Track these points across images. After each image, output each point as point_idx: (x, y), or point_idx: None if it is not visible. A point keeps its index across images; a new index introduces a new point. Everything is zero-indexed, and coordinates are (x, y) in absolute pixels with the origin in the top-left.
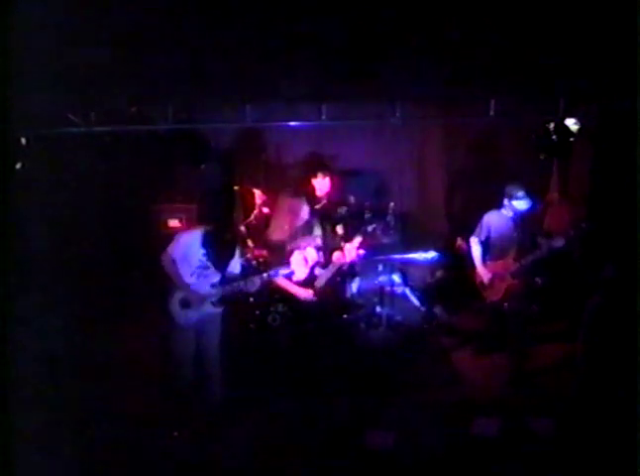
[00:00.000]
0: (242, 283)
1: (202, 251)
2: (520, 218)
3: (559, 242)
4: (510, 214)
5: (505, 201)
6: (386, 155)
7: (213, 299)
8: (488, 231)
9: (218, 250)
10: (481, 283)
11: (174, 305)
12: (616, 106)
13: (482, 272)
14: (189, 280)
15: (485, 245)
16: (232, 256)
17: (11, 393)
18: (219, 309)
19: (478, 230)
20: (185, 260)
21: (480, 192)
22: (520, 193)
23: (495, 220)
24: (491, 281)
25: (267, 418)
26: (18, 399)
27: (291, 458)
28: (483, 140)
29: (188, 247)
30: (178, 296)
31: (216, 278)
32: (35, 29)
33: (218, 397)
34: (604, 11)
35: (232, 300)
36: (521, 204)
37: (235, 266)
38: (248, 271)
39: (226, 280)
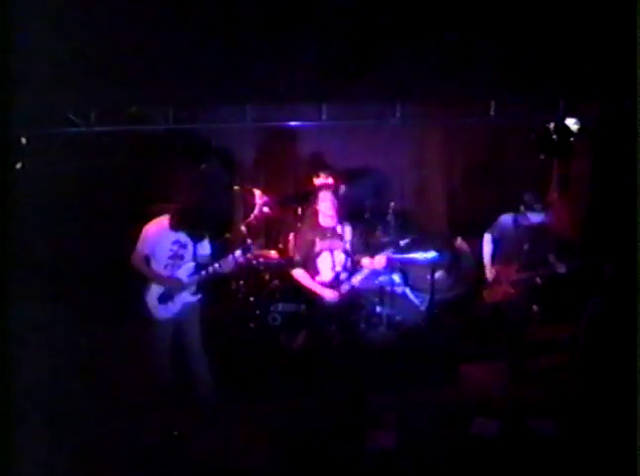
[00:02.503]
0: (216, 265)
1: (172, 239)
2: (532, 229)
3: (562, 268)
4: (524, 223)
5: (522, 209)
6: (386, 155)
7: (191, 289)
8: (500, 233)
9: (189, 230)
10: (484, 281)
11: (152, 300)
12: (616, 105)
13: (489, 270)
14: (164, 273)
15: (495, 246)
16: (202, 236)
17: (11, 393)
18: (195, 300)
19: (492, 228)
20: (156, 252)
21: (480, 192)
22: (537, 205)
23: (508, 225)
24: (492, 283)
25: (266, 418)
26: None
27: (291, 458)
28: (483, 140)
29: (158, 238)
30: (156, 291)
31: (190, 265)
32: (35, 28)
33: (207, 392)
34: (604, 11)
35: (210, 286)
36: (536, 216)
37: (204, 247)
38: (219, 250)
39: (199, 265)
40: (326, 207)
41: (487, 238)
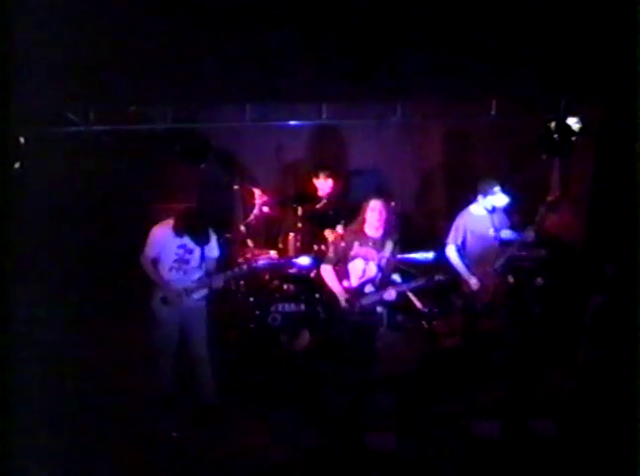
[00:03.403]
0: (229, 273)
1: (177, 243)
2: (495, 214)
3: (530, 237)
4: (484, 212)
5: (480, 198)
6: (386, 155)
7: (195, 294)
8: (464, 233)
9: (193, 235)
10: (469, 289)
11: (156, 303)
12: (617, 105)
13: (469, 278)
14: (168, 276)
15: (464, 248)
16: (207, 240)
17: (10, 392)
18: (202, 303)
19: (452, 235)
20: (162, 256)
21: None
22: (495, 188)
23: (470, 220)
24: (479, 284)
25: (266, 418)
26: (17, 398)
27: (291, 458)
28: (484, 140)
29: (163, 241)
30: (160, 293)
31: (195, 270)
32: (34, 28)
33: (209, 394)
34: (605, 10)
35: (216, 295)
36: (496, 200)
37: (212, 249)
38: (227, 253)
39: (207, 271)
40: (373, 217)
41: (451, 249)
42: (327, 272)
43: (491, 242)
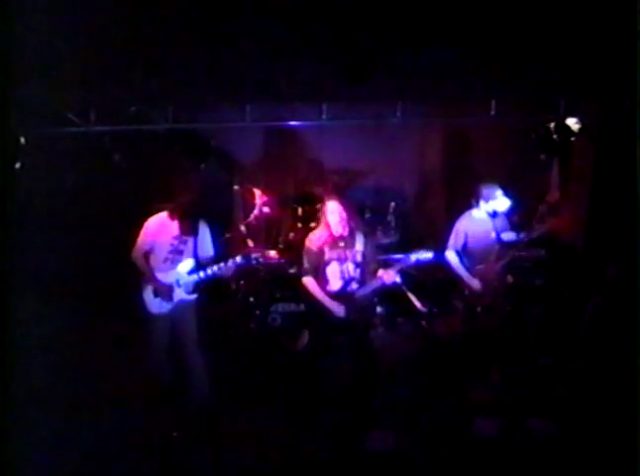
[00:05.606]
0: (215, 268)
1: (173, 233)
2: (496, 218)
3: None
4: (485, 216)
5: (482, 203)
6: (386, 155)
7: (187, 287)
8: (465, 237)
9: (182, 222)
10: (471, 291)
11: (148, 295)
12: (617, 105)
13: (470, 281)
14: (163, 267)
15: (464, 251)
16: (196, 231)
17: (11, 392)
18: (193, 297)
19: (452, 240)
20: (156, 247)
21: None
22: (497, 193)
23: (470, 224)
24: (481, 285)
25: (265, 419)
26: (17, 399)
27: (290, 458)
28: (483, 140)
29: (158, 232)
30: (151, 286)
31: (189, 262)
32: (35, 28)
33: (202, 391)
34: (604, 10)
35: (208, 287)
36: (498, 204)
37: (206, 248)
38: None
39: (199, 264)
40: (335, 220)
41: (451, 254)
42: (310, 283)
43: (492, 245)
